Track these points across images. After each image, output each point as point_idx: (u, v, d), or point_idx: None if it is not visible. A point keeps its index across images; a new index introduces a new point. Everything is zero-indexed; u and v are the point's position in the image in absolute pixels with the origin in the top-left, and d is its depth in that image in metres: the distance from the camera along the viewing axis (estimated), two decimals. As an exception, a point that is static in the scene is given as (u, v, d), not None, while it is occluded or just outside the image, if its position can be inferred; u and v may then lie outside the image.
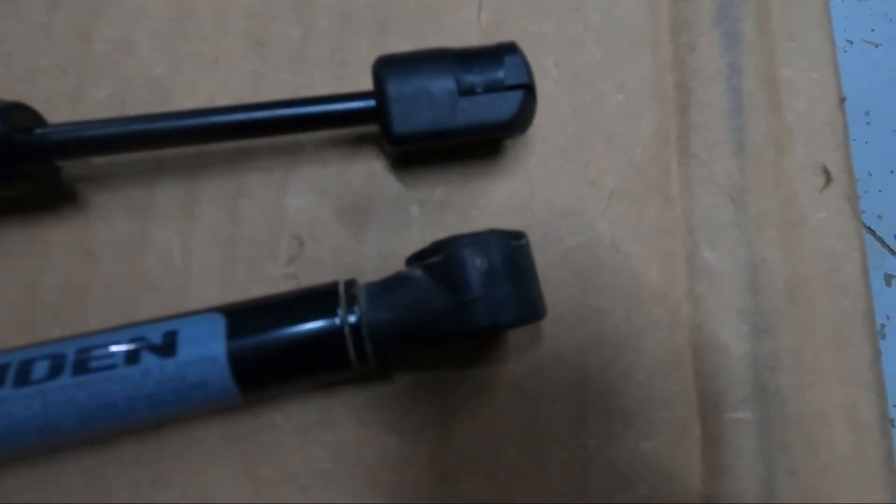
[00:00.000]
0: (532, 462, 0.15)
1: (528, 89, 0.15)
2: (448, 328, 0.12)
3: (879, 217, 0.68)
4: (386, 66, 0.15)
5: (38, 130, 0.14)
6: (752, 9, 0.19)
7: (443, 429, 0.15)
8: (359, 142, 0.17)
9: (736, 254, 0.17)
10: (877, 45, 0.75)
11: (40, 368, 0.12)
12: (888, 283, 0.66)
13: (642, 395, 0.16)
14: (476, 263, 0.12)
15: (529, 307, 0.12)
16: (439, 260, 0.12)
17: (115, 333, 0.12)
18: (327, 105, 0.15)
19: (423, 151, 0.17)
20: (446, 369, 0.16)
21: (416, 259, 0.13)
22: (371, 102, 0.15)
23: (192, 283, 0.16)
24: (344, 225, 0.16)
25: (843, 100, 0.18)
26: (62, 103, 0.17)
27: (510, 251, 0.12)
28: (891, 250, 0.67)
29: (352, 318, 0.12)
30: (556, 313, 0.16)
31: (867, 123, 0.72)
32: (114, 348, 0.12)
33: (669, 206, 0.17)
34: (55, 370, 0.12)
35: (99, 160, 0.16)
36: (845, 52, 0.75)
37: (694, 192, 0.17)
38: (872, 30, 0.75)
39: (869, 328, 0.16)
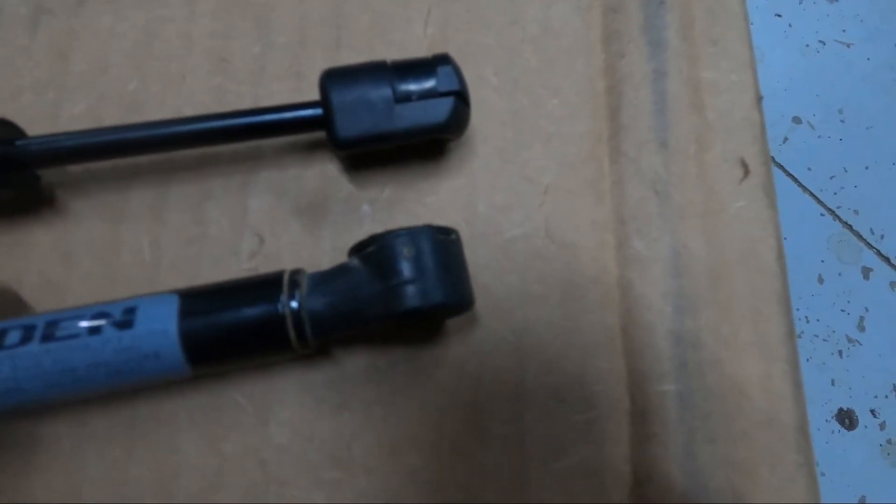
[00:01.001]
0: (473, 436, 0.17)
1: (460, 95, 0.17)
2: (380, 311, 0.14)
3: (855, 212, 0.70)
4: (330, 78, 0.16)
5: (19, 142, 0.16)
6: (676, 17, 0.20)
7: (390, 406, 0.17)
8: (314, 148, 0.19)
9: (661, 241, 0.18)
10: (848, 45, 0.77)
11: (13, 336, 0.13)
12: (866, 277, 0.68)
13: (576, 373, 0.17)
14: (404, 252, 0.13)
15: (455, 293, 0.14)
16: (373, 250, 0.14)
17: (83, 309, 0.14)
18: (279, 114, 0.16)
19: (372, 155, 0.19)
20: (394, 353, 0.17)
21: (355, 250, 0.15)
22: (318, 111, 0.16)
23: (161, 279, 0.17)
24: (301, 223, 0.18)
25: (760, 98, 0.20)
26: (42, 118, 0.18)
27: (438, 243, 0.14)
28: (867, 244, 0.69)
29: (293, 304, 0.14)
30: (495, 299, 0.18)
31: (841, 121, 0.74)
32: (79, 321, 0.13)
33: (601, 200, 0.19)
34: (25, 338, 0.13)
35: (75, 168, 0.18)
36: (818, 52, 0.77)
37: (624, 186, 0.19)
38: (844, 30, 0.78)
39: (783, 306, 0.18)
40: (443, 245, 0.14)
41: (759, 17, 0.77)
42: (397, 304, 0.13)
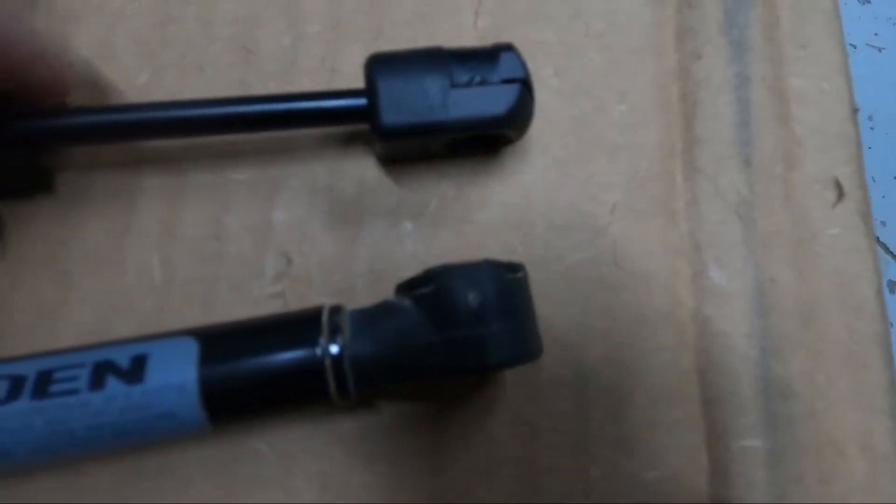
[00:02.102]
0: (531, 494, 0.14)
1: (525, 84, 0.14)
2: (435, 365, 0.11)
3: (883, 223, 0.68)
4: (378, 63, 0.14)
5: (17, 119, 0.13)
6: (759, 16, 0.18)
7: (435, 459, 0.14)
8: (349, 154, 0.16)
9: (744, 273, 0.16)
10: (880, 50, 0.75)
11: None
12: (892, 290, 0.66)
13: (646, 422, 0.15)
14: (468, 298, 0.11)
15: (522, 347, 0.12)
16: (429, 291, 0.12)
17: (82, 354, 0.11)
18: (318, 101, 0.14)
19: (415, 164, 0.16)
20: (440, 398, 0.15)
21: (405, 288, 0.12)
22: (362, 100, 0.14)
23: (171, 303, 0.15)
24: (333, 241, 0.16)
25: (855, 110, 0.17)
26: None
27: (505, 285, 0.12)
28: (894, 257, 0.67)
29: (333, 350, 0.11)
30: (555, 335, 0.15)
31: (871, 128, 0.71)
32: (78, 371, 0.11)
33: (674, 222, 0.17)
34: (13, 392, 0.11)
35: (76, 169, 0.16)
36: (849, 56, 0.75)
37: (700, 207, 0.17)
38: (876, 34, 0.75)
39: (884, 351, 0.16)
40: (510, 286, 0.12)
41: (787, 19, 0.74)
42: (457, 361, 0.11)
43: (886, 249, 0.70)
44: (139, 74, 0.17)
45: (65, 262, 0.15)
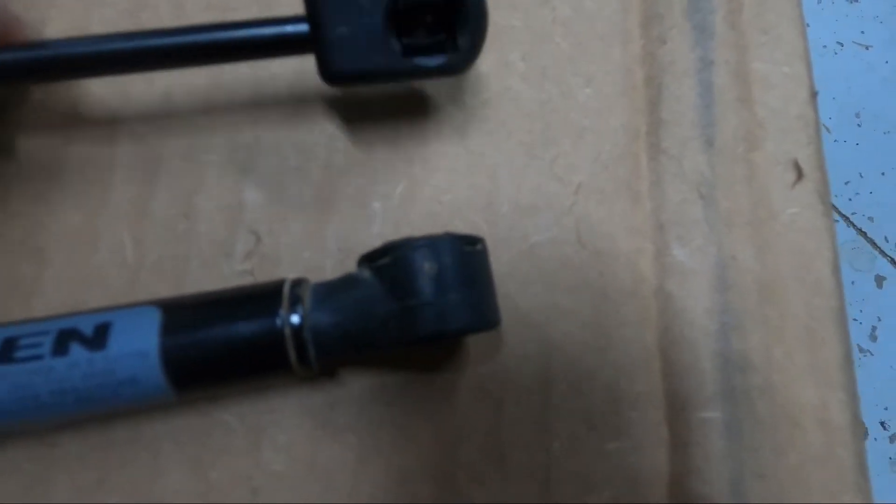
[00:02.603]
0: (493, 465, 0.15)
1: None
2: (394, 334, 0.12)
3: (870, 219, 0.68)
4: None
5: None
6: (723, 2, 0.18)
7: (401, 430, 0.15)
8: (319, 137, 0.17)
9: (706, 251, 0.16)
10: (867, 47, 0.75)
11: None
12: (879, 285, 0.66)
13: (608, 396, 0.15)
14: (425, 268, 0.12)
15: (479, 316, 0.12)
16: (388, 262, 0.12)
17: (46, 323, 0.12)
18: (254, 29, 0.14)
19: (385, 143, 0.17)
20: (406, 370, 0.15)
21: (366, 260, 0.13)
22: (304, 27, 0.14)
23: (143, 280, 0.15)
24: (302, 221, 0.16)
25: (814, 94, 0.18)
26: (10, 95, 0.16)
27: (463, 256, 0.12)
28: (882, 252, 0.67)
29: (294, 320, 0.12)
30: (520, 312, 0.16)
31: (858, 125, 0.72)
32: (42, 338, 0.11)
33: (638, 202, 0.17)
34: (-24, 358, 0.11)
35: (50, 150, 0.16)
36: (836, 53, 0.75)
37: (663, 188, 0.17)
38: (863, 32, 0.76)
39: (841, 327, 0.16)
40: (468, 258, 0.12)
41: (776, 16, 0.74)
42: (415, 329, 0.12)
43: (874, 244, 0.70)
44: (113, 59, 0.17)
45: (39, 240, 0.15)
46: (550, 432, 0.15)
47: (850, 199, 0.67)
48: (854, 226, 0.67)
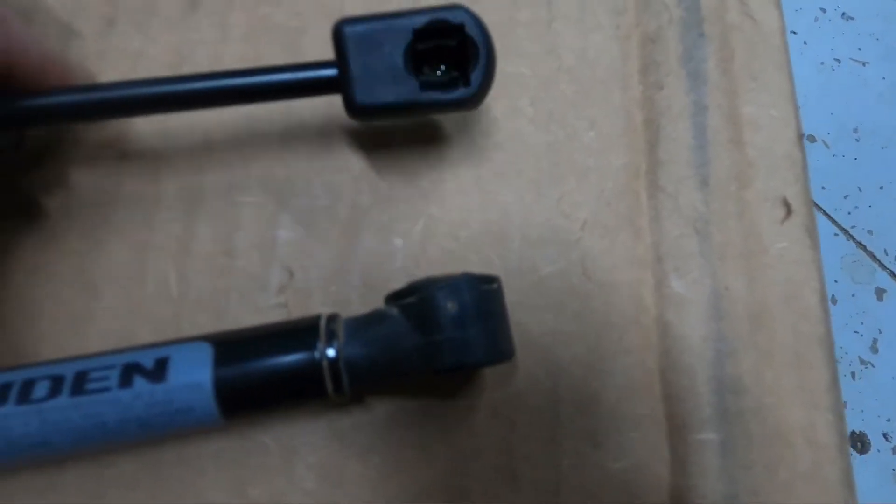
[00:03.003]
0: (506, 482, 0.16)
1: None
2: (419, 365, 0.13)
3: (869, 232, 0.69)
4: (346, 30, 0.15)
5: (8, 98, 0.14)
6: (715, 49, 0.20)
7: (422, 451, 0.16)
8: (344, 177, 0.18)
9: (701, 282, 0.18)
10: (864, 64, 0.77)
11: (41, 388, 0.13)
12: (880, 298, 0.67)
13: (613, 418, 0.17)
14: (447, 306, 0.13)
15: (496, 349, 0.13)
16: (414, 301, 0.13)
17: (112, 357, 0.13)
18: (290, 73, 0.15)
19: (406, 184, 0.18)
20: (426, 396, 0.16)
21: (393, 298, 0.14)
22: (333, 71, 0.15)
23: (186, 312, 0.17)
24: (331, 256, 0.18)
25: (801, 136, 0.19)
26: (66, 145, 0.18)
27: (481, 295, 0.13)
28: (881, 265, 0.68)
29: (330, 353, 0.13)
30: (530, 338, 0.17)
31: (856, 140, 0.73)
32: (109, 372, 0.13)
33: (639, 236, 0.18)
34: (54, 390, 0.12)
35: (102, 194, 0.17)
36: (833, 70, 0.77)
37: (662, 223, 0.18)
38: (859, 48, 0.77)
39: (827, 352, 0.17)
40: (485, 296, 0.14)
41: (774, 34, 0.76)
42: (438, 361, 0.13)
43: (874, 257, 0.71)
44: (158, 108, 0.18)
45: (91, 276, 0.17)
46: (559, 451, 0.16)
47: (849, 213, 0.68)
48: (854, 239, 0.68)
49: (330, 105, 0.19)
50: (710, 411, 0.17)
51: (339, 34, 0.15)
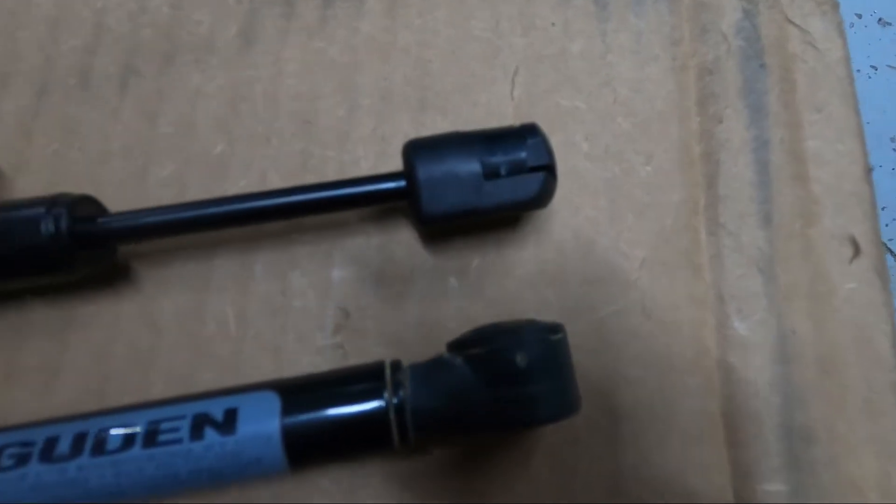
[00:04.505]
0: (569, 530, 0.16)
1: (549, 170, 0.16)
2: (485, 420, 0.13)
3: (909, 246, 0.67)
4: (415, 150, 0.16)
5: (101, 220, 0.15)
6: (776, 81, 0.19)
7: (481, 496, 0.16)
8: (398, 216, 0.18)
9: (766, 324, 0.17)
10: (902, 72, 0.75)
11: (115, 440, 0.13)
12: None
13: (676, 464, 0.16)
14: (516, 359, 0.13)
15: (565, 405, 0.13)
16: (481, 353, 0.13)
17: (182, 407, 0.13)
18: (361, 187, 0.16)
19: (455, 227, 0.18)
20: (486, 441, 0.16)
21: (457, 346, 0.14)
22: (402, 183, 0.16)
23: (246, 351, 0.17)
24: (385, 296, 0.17)
25: (869, 170, 0.19)
26: (130, 182, 0.18)
27: (548, 346, 0.13)
28: (922, 281, 0.66)
29: (397, 403, 0.13)
30: (590, 382, 0.17)
31: (894, 150, 0.71)
32: (180, 423, 0.13)
33: (699, 275, 0.18)
34: (128, 442, 0.13)
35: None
36: (869, 78, 0.74)
37: (723, 261, 0.18)
38: (897, 56, 0.75)
39: (901, 400, 0.17)
40: (553, 347, 0.13)
41: (807, 41, 0.74)
42: (506, 418, 0.13)
43: (914, 272, 0.69)
44: (216, 145, 0.19)
45: (154, 316, 0.17)
46: (621, 498, 0.16)
47: (886, 226, 0.66)
48: (892, 252, 0.66)
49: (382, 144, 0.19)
50: (779, 461, 0.16)
51: (408, 149, 0.16)
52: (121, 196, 0.17)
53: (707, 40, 0.20)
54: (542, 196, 0.16)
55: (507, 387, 0.13)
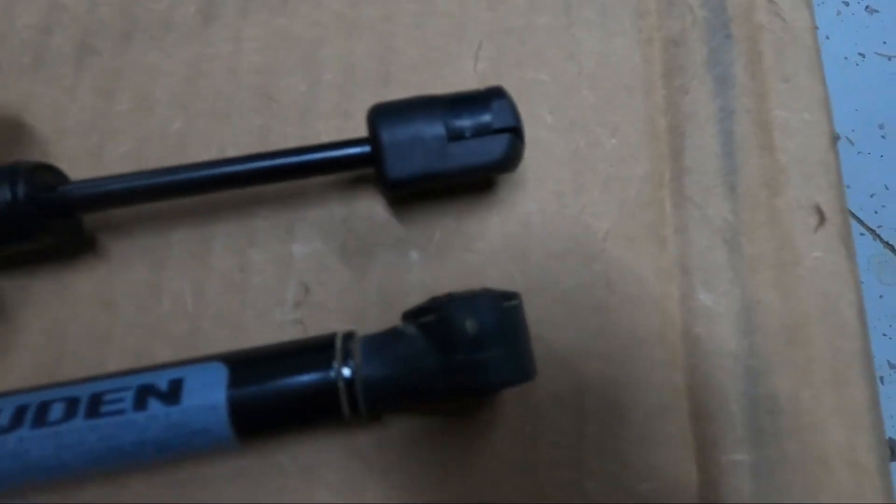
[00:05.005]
0: (530, 502, 0.15)
1: (515, 131, 0.16)
2: (438, 387, 0.13)
3: (898, 232, 0.67)
4: (379, 114, 0.15)
5: (61, 188, 0.15)
6: (743, 51, 0.19)
7: (442, 471, 0.16)
8: (361, 190, 0.18)
9: (731, 295, 0.17)
10: (889, 58, 0.74)
11: (56, 411, 0.12)
12: (912, 302, 0.64)
13: (640, 437, 0.16)
14: (467, 326, 0.12)
15: (518, 370, 0.13)
16: (433, 320, 0.13)
17: (126, 379, 0.13)
18: (324, 153, 0.16)
19: (420, 197, 0.18)
20: (445, 413, 0.16)
21: (411, 316, 0.14)
22: (366, 148, 0.16)
23: (203, 329, 0.17)
24: (347, 270, 0.17)
25: (835, 139, 0.18)
26: (86, 159, 0.18)
27: (502, 313, 0.13)
28: (912, 267, 0.66)
29: (346, 373, 0.13)
30: (553, 355, 0.17)
31: (882, 137, 0.71)
32: (124, 394, 0.13)
33: (664, 247, 0.18)
34: (69, 413, 0.12)
35: (118, 212, 0.17)
36: (857, 65, 0.74)
37: (689, 233, 0.18)
38: (885, 42, 0.75)
39: (867, 369, 0.16)
40: (506, 314, 0.13)
41: (796, 30, 0.74)
42: (458, 383, 0.13)
43: (904, 258, 0.68)
44: (174, 122, 0.18)
45: (111, 294, 0.17)
46: (585, 472, 0.16)
47: (875, 212, 0.66)
48: (881, 239, 0.66)
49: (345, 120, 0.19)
50: (743, 431, 0.16)
51: (371, 113, 0.16)
52: (76, 174, 0.17)
53: (673, 12, 0.20)
54: (509, 158, 0.16)
55: (458, 353, 0.13)
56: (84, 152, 0.18)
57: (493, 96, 0.16)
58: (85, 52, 0.19)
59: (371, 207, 0.18)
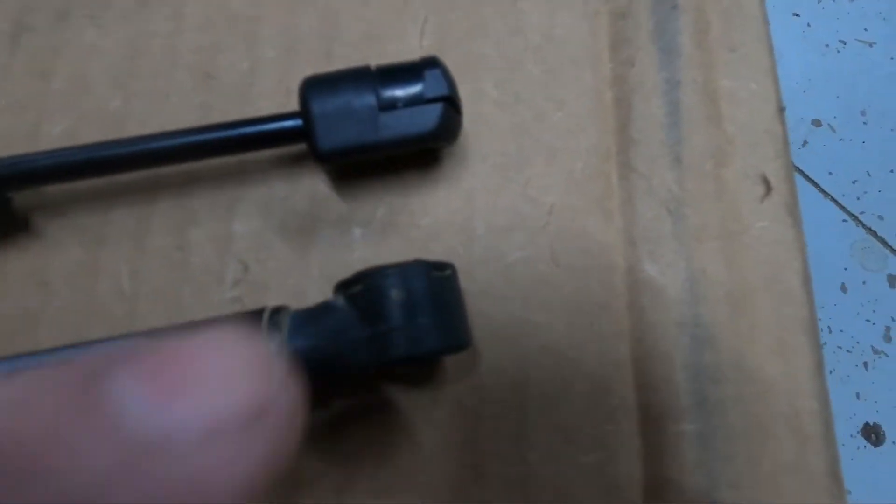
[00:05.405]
0: (472, 478, 0.15)
1: (449, 100, 0.15)
2: (366, 358, 0.13)
3: (880, 217, 0.67)
4: (310, 87, 0.15)
5: None
6: (689, 22, 0.19)
7: (383, 447, 0.15)
8: (302, 167, 0.18)
9: (676, 266, 0.17)
10: (871, 45, 0.75)
11: None
12: (892, 285, 0.65)
13: (584, 409, 0.16)
14: (393, 294, 0.12)
15: (448, 338, 0.13)
16: (360, 290, 0.13)
17: (49, 356, 0.13)
18: (255, 126, 0.15)
19: (363, 173, 0.18)
20: (387, 389, 0.16)
21: (341, 288, 0.14)
22: (298, 122, 0.15)
23: (140, 309, 0.16)
24: (288, 248, 0.17)
25: (782, 109, 0.18)
26: (20, 140, 0.18)
27: (431, 282, 0.13)
28: (893, 250, 0.66)
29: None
30: (496, 329, 0.16)
31: (864, 123, 0.71)
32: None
33: (610, 220, 0.18)
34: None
35: (52, 189, 0.17)
36: (838, 52, 0.75)
37: (634, 205, 0.18)
38: (866, 29, 0.75)
39: (811, 336, 0.16)
40: (436, 283, 0.13)
41: (776, 17, 0.74)
42: (386, 352, 0.12)
43: (885, 243, 0.69)
44: (111, 101, 0.18)
45: (43, 274, 0.16)
46: (528, 445, 0.16)
47: (858, 199, 0.66)
48: (863, 225, 0.66)
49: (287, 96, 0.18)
50: (688, 401, 0.16)
51: (303, 86, 0.15)
52: (11, 153, 0.17)
53: (620, -16, 0.20)
54: (442, 128, 0.16)
55: (385, 322, 0.12)
56: (19, 132, 0.18)
57: (427, 66, 0.15)
58: (21, 29, 0.19)
59: (314, 185, 0.18)
